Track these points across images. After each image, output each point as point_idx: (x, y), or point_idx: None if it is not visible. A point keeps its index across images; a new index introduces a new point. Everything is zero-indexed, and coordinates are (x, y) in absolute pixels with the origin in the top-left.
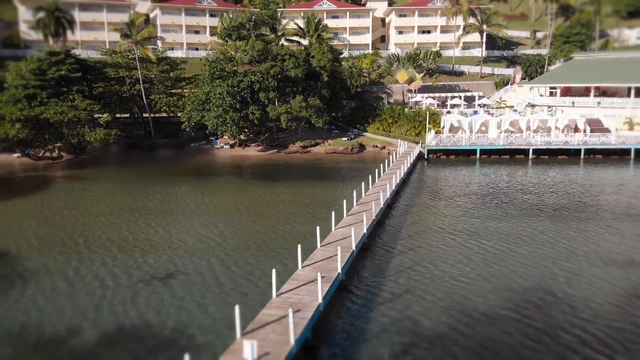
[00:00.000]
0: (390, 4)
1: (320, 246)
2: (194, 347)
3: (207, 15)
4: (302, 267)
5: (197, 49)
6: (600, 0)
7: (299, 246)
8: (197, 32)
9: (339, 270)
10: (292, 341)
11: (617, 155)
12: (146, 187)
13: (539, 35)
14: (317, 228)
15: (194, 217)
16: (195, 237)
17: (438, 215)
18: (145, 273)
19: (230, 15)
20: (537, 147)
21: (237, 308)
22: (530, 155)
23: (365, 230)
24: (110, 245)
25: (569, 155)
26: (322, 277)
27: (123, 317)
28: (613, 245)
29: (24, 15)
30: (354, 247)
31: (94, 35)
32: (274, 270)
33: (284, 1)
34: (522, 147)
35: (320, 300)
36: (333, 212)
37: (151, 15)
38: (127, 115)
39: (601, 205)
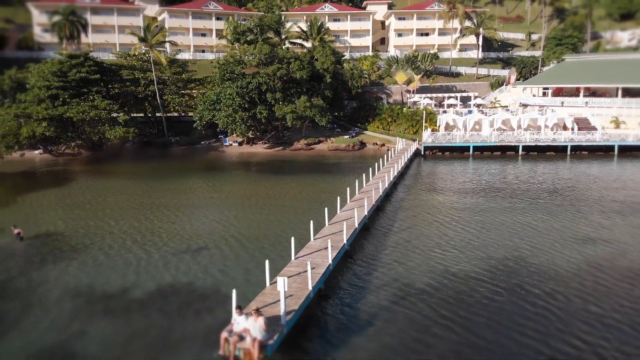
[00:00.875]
0: (389, 7)
1: (328, 224)
2: (228, 299)
3: (213, 18)
4: (314, 239)
5: (203, 51)
6: (592, 3)
7: (311, 222)
8: (203, 35)
9: (345, 242)
10: (309, 288)
11: (602, 152)
12: (162, 180)
13: (534, 37)
14: (326, 209)
15: (210, 206)
16: (213, 221)
17: (430, 203)
18: (173, 248)
19: (236, 19)
20: (526, 144)
21: (267, 262)
22: (520, 152)
23: (366, 213)
24: (136, 228)
25: (557, 152)
26: (331, 246)
27: (160, 279)
28: (578, 226)
29: (38, 18)
30: (356, 225)
31: (105, 38)
32: (292, 238)
33: (286, 4)
34: (512, 144)
35: (330, 261)
36: (338, 198)
37: (159, 19)
38: (141, 114)
39: (576, 194)
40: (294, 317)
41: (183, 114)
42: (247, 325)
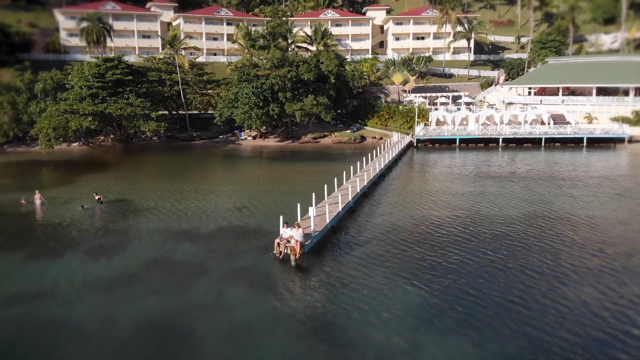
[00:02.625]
0: (388, 13)
1: (337, 190)
2: (270, 232)
3: (225, 23)
4: (327, 197)
5: (215, 54)
6: (575, 9)
7: (325, 186)
8: (215, 39)
9: (350, 199)
10: (327, 221)
11: (574, 144)
12: (192, 167)
13: (523, 40)
14: (335, 179)
15: (239, 184)
16: (245, 193)
17: (418, 180)
18: (221, 207)
19: (245, 24)
20: (506, 137)
21: (298, 205)
22: (500, 144)
23: (365, 183)
24: (185, 197)
25: (533, 144)
26: (341, 201)
27: (218, 223)
28: (527, 194)
29: (64, 24)
30: (358, 190)
31: (125, 42)
32: (313, 194)
33: (291, 10)
34: (494, 137)
35: (340, 209)
36: (344, 172)
37: (174, 24)
38: (166, 112)
39: (531, 174)
40: (319, 235)
41: (203, 112)
42: (292, 233)
